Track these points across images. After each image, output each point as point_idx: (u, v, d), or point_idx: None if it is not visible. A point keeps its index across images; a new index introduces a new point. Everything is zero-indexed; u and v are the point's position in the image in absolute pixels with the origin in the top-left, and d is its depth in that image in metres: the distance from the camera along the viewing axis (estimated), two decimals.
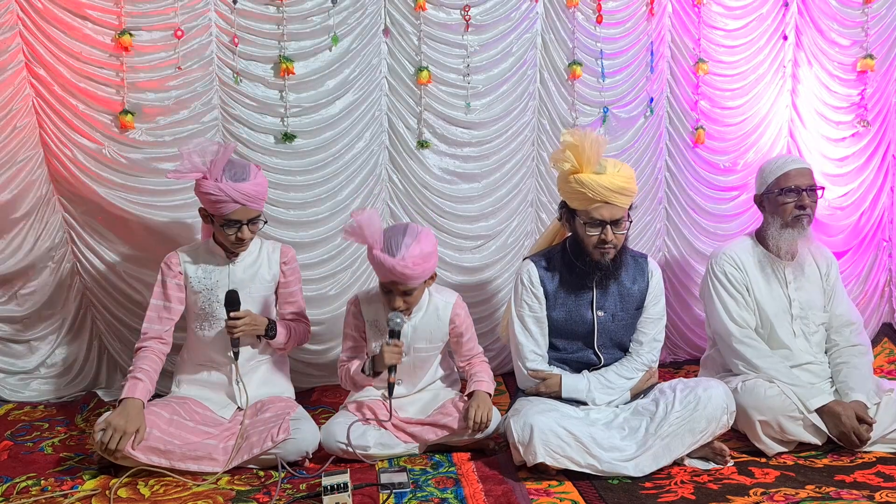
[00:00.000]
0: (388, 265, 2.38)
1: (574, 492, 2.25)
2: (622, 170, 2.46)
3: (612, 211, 2.43)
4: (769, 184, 2.77)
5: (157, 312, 2.58)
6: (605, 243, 2.45)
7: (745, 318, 2.75)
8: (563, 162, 2.43)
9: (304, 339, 2.77)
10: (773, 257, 2.78)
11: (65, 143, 3.01)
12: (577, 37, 3.40)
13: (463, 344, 2.69)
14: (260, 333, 2.57)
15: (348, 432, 2.46)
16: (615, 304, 2.58)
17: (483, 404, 2.52)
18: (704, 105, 3.63)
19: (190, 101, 3.08)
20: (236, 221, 2.48)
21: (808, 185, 2.73)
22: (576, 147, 2.40)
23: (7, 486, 2.36)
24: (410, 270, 2.39)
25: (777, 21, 3.64)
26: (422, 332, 2.61)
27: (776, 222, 2.74)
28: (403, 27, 3.25)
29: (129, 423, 2.30)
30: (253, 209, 2.50)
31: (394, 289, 2.46)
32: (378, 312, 2.61)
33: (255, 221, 2.53)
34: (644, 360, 2.59)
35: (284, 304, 2.73)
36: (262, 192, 2.51)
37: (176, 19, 2.99)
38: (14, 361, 3.22)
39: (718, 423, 2.41)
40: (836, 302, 2.83)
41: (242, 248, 2.58)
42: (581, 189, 2.41)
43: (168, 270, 2.60)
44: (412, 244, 2.40)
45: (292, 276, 2.72)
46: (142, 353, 2.52)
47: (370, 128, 3.29)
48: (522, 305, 2.60)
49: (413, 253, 2.39)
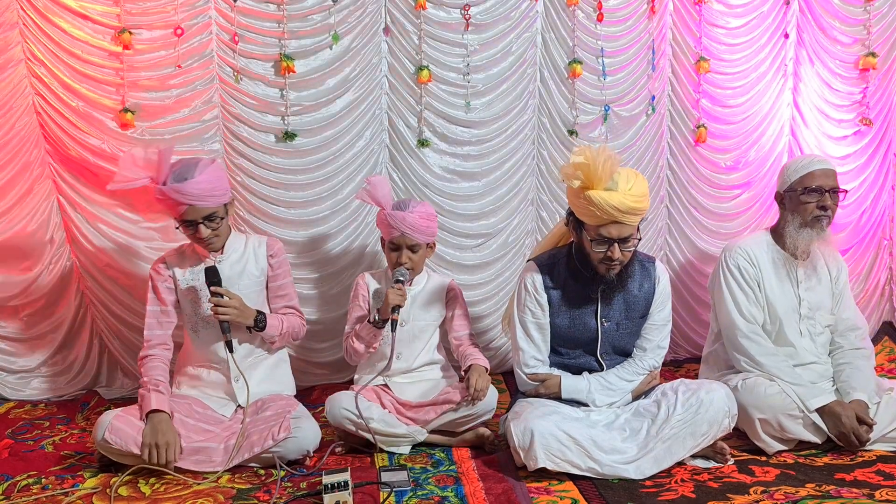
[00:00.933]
0: (398, 217, 2.66)
1: (574, 490, 2.24)
2: (634, 187, 2.33)
3: (620, 230, 2.35)
4: (793, 182, 2.74)
5: (156, 318, 2.57)
6: (612, 260, 2.39)
7: (753, 313, 2.74)
8: (573, 179, 2.32)
9: (299, 332, 2.73)
10: (788, 255, 2.76)
11: (65, 142, 3.02)
12: (577, 35, 3.40)
13: (456, 318, 2.80)
14: (248, 324, 2.53)
15: (356, 400, 2.50)
16: (620, 312, 2.53)
17: (482, 374, 2.60)
18: (706, 103, 3.62)
19: (190, 100, 3.08)
20: (191, 221, 2.45)
21: (832, 186, 2.70)
22: (587, 166, 2.28)
23: (8, 484, 2.36)
24: (418, 223, 2.67)
25: (778, 19, 3.63)
26: (420, 303, 2.77)
27: (795, 221, 2.72)
28: (404, 26, 3.25)
29: (170, 436, 2.33)
30: (202, 207, 2.42)
31: (402, 243, 2.69)
32: (382, 284, 2.80)
33: (212, 218, 2.47)
34: (646, 365, 2.56)
35: (275, 298, 2.69)
36: (208, 188, 2.41)
37: (176, 17, 2.99)
38: (15, 360, 3.22)
39: (720, 427, 2.39)
40: (843, 306, 2.82)
41: (212, 246, 2.54)
42: (590, 207, 2.31)
43: (157, 276, 2.59)
44: (418, 205, 2.75)
45: (280, 269, 2.69)
46: (151, 363, 2.51)
47: (370, 126, 3.29)
48: (525, 311, 2.56)
49: (419, 210, 2.71)
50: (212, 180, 2.44)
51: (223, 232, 2.56)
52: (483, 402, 2.58)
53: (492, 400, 2.62)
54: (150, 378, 2.47)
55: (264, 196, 3.22)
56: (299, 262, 3.28)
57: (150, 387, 2.44)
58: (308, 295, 3.31)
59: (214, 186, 2.44)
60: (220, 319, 2.47)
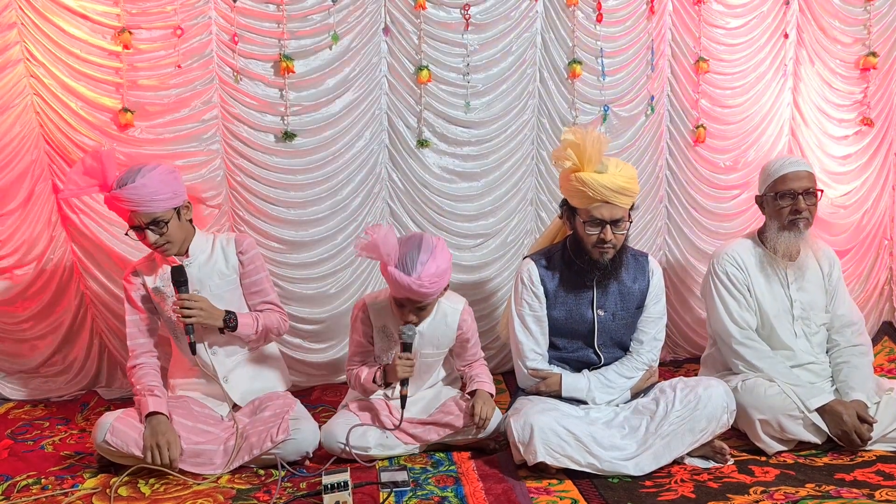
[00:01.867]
0: (403, 283, 2.34)
1: (574, 490, 2.24)
2: (624, 170, 2.43)
3: (612, 211, 2.42)
4: (767, 185, 2.75)
5: (137, 326, 2.54)
6: (605, 243, 2.44)
7: (745, 318, 2.74)
8: (564, 160, 2.41)
9: (280, 328, 2.64)
10: (774, 257, 2.77)
11: (64, 143, 3.02)
12: (577, 35, 3.40)
13: (468, 349, 2.70)
14: (217, 325, 2.46)
15: (348, 435, 2.46)
16: (615, 303, 2.57)
17: (487, 402, 2.54)
18: (705, 104, 3.62)
19: (190, 100, 3.08)
20: (138, 227, 2.41)
21: (805, 188, 2.68)
22: (577, 145, 2.38)
23: (7, 484, 2.36)
24: (426, 289, 2.36)
25: (778, 19, 3.63)
26: (429, 338, 2.60)
27: (774, 224, 2.73)
28: (403, 26, 3.24)
29: (170, 435, 2.33)
30: (144, 212, 2.37)
31: (407, 304, 2.44)
32: (386, 318, 2.59)
33: (157, 223, 2.40)
34: (644, 360, 2.59)
35: (251, 295, 2.63)
36: (148, 192, 2.35)
37: (176, 17, 2.99)
38: (14, 360, 3.22)
39: (719, 423, 2.41)
40: (837, 302, 2.82)
41: (166, 251, 2.47)
42: (581, 188, 2.40)
43: (129, 286, 2.55)
44: (428, 261, 2.36)
45: (252, 265, 2.60)
46: (140, 372, 2.49)
47: (370, 126, 3.29)
48: (522, 304, 2.59)
49: (429, 271, 2.35)
50: (155, 184, 2.37)
51: (175, 237, 2.46)
52: (486, 430, 2.54)
53: (493, 425, 2.55)
54: (142, 385, 2.46)
55: (264, 196, 3.22)
56: (298, 263, 3.28)
57: (145, 392, 2.44)
58: (307, 295, 3.31)
59: (156, 190, 2.37)
60: (185, 322, 2.42)
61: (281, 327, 2.65)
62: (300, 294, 3.30)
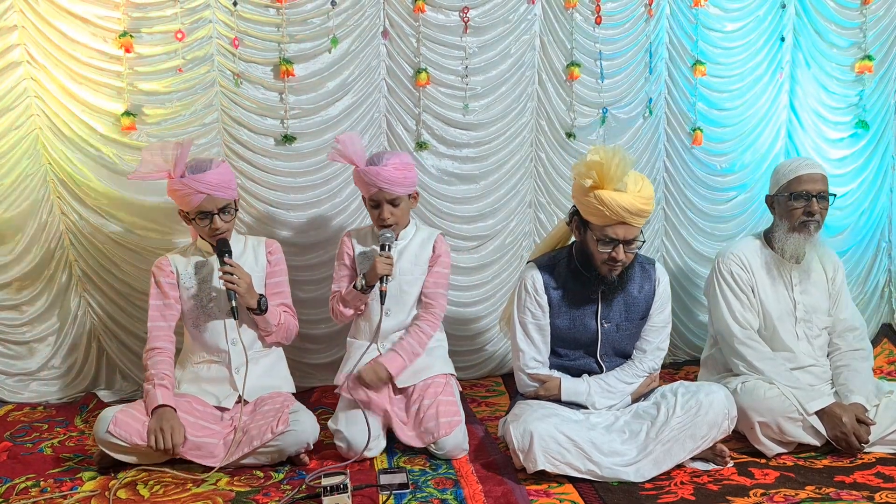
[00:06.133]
0: (373, 173, 2.58)
1: (574, 493, 2.24)
2: (643, 189, 2.35)
3: (627, 231, 2.36)
4: (780, 186, 2.75)
5: (160, 311, 2.62)
6: (616, 261, 2.40)
7: (748, 318, 2.74)
8: (586, 178, 2.33)
9: (292, 331, 2.75)
10: (780, 259, 2.77)
11: (65, 145, 3.02)
12: (575, 38, 3.41)
13: (433, 273, 2.73)
14: (252, 304, 2.57)
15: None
16: (620, 314, 2.53)
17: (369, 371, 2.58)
18: (702, 106, 3.63)
19: (190, 104, 3.08)
20: (207, 212, 2.53)
21: (819, 190, 2.69)
22: (601, 165, 2.30)
23: (6, 487, 2.36)
24: (394, 175, 2.59)
25: (774, 23, 3.65)
26: (408, 256, 2.73)
27: (784, 225, 2.73)
28: (402, 29, 3.25)
29: (175, 422, 2.38)
30: (219, 197, 2.53)
31: (381, 199, 2.62)
32: (367, 243, 2.76)
33: (227, 210, 2.57)
34: (646, 367, 2.56)
35: (271, 296, 2.70)
36: (225, 180, 2.54)
37: (177, 21, 2.99)
38: (13, 363, 3.22)
39: (720, 429, 2.39)
40: (840, 307, 2.82)
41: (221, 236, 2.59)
42: (599, 206, 2.32)
43: (159, 272, 2.64)
44: (392, 156, 2.66)
45: (278, 267, 2.74)
46: (157, 357, 2.55)
47: (369, 129, 3.30)
48: (525, 312, 2.55)
49: (394, 161, 2.62)
50: (225, 173, 2.58)
51: (232, 227, 2.63)
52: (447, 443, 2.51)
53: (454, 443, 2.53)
54: (156, 371, 2.51)
55: (264, 198, 3.22)
56: (299, 265, 3.27)
57: (156, 381, 2.48)
58: (308, 298, 3.31)
59: (228, 180, 2.57)
60: (228, 288, 2.51)
61: (293, 331, 2.76)
62: (300, 296, 3.29)
